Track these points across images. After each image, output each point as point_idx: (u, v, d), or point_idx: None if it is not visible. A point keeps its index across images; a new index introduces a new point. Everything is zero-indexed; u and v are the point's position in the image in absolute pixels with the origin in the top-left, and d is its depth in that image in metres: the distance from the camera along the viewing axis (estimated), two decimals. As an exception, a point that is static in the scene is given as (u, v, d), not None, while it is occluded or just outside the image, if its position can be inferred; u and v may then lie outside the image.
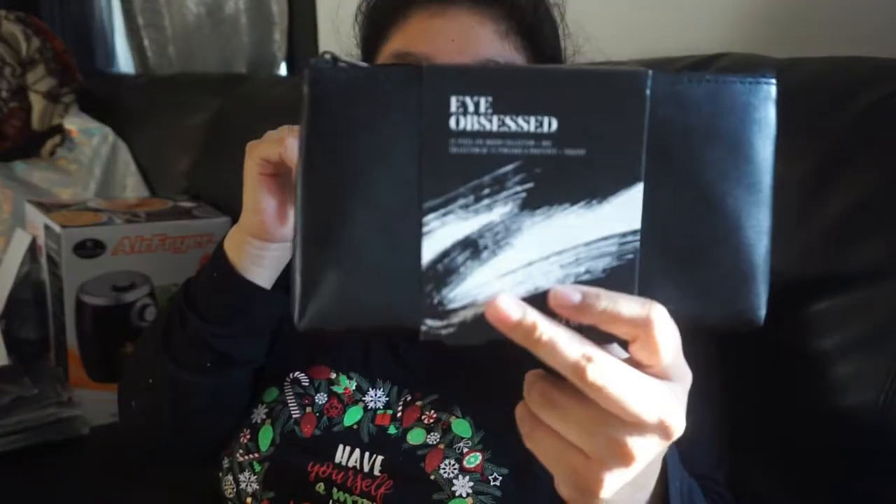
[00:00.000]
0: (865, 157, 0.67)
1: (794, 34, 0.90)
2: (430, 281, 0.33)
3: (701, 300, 0.34)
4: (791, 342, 0.69)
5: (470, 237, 0.33)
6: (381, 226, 0.33)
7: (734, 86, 0.35)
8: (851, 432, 0.64)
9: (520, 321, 0.32)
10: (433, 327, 0.33)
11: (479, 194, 0.32)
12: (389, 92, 0.32)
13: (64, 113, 1.80)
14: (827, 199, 0.67)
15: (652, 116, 0.33)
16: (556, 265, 0.33)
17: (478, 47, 0.65)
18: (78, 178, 1.72)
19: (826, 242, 0.67)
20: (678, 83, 0.33)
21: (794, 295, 0.68)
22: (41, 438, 1.05)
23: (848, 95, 0.69)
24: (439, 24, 0.66)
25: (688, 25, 0.97)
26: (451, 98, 0.32)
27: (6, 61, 1.73)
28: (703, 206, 0.34)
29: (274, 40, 1.79)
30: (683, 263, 0.34)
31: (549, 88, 0.32)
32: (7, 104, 1.74)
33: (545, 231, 0.33)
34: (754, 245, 0.34)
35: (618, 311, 0.32)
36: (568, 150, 0.32)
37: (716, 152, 0.34)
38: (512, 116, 0.32)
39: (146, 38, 2.10)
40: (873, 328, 0.64)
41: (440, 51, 0.65)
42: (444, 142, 0.32)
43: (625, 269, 0.33)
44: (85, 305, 1.17)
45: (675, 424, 0.34)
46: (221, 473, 0.70)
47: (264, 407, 0.69)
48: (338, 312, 0.33)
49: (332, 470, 0.65)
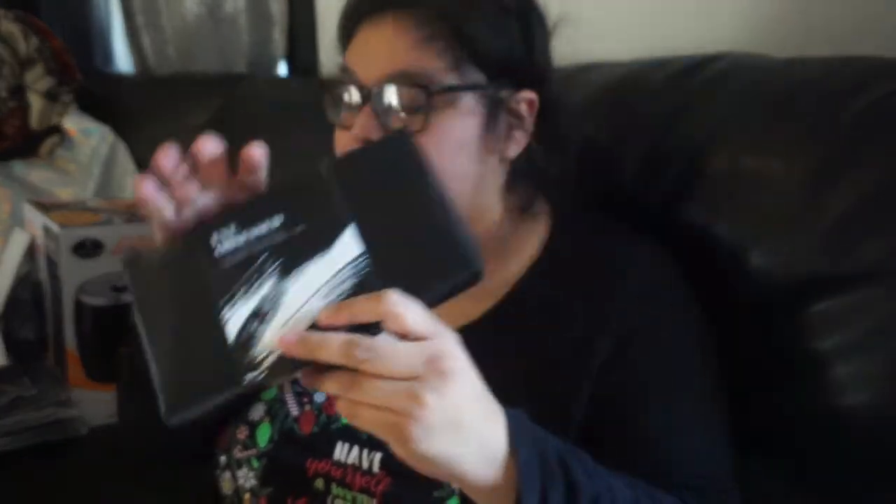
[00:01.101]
0: (865, 156, 0.67)
1: (794, 34, 0.90)
2: (239, 350, 0.47)
3: (429, 274, 0.47)
4: (791, 342, 0.69)
5: (254, 310, 0.47)
6: (200, 335, 0.48)
7: (382, 144, 0.55)
8: (851, 432, 0.64)
9: (300, 341, 0.44)
10: (252, 378, 0.46)
11: (251, 281, 0.48)
12: (179, 256, 0.51)
13: (63, 112, 1.79)
14: (827, 199, 0.67)
15: (340, 183, 0.50)
16: (319, 300, 0.47)
17: (394, 59, 0.64)
18: (77, 178, 1.72)
19: (826, 242, 0.67)
20: (350, 157, 0.56)
21: (794, 295, 0.68)
22: (40, 438, 1.04)
23: (848, 95, 0.69)
24: (368, 38, 0.67)
25: (688, 25, 0.97)
26: (211, 236, 0.50)
27: (5, 60, 1.73)
28: (395, 217, 0.49)
29: (274, 40, 1.79)
30: (403, 256, 0.48)
31: (268, 200, 0.51)
32: (5, 103, 1.73)
33: (302, 283, 0.47)
34: (441, 223, 0.48)
35: (356, 309, 0.45)
36: (295, 230, 0.49)
37: (389, 185, 0.50)
38: (251, 228, 0.49)
39: (145, 37, 2.09)
40: (873, 328, 0.64)
41: (366, 65, 0.66)
42: (219, 264, 0.49)
43: (367, 279, 0.47)
44: (84, 305, 1.17)
45: (447, 366, 0.44)
46: (219, 470, 0.70)
47: (263, 404, 0.70)
48: (190, 404, 0.47)
49: (330, 466, 0.65)
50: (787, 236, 0.69)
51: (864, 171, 0.66)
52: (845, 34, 0.85)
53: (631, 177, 0.81)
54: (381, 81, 0.64)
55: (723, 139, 0.76)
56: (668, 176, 0.79)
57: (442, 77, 0.64)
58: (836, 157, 0.68)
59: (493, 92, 0.66)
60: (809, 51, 0.79)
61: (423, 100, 0.63)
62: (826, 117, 0.70)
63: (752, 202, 0.72)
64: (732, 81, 0.80)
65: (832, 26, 0.86)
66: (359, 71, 0.66)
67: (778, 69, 0.78)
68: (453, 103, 0.64)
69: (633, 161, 0.81)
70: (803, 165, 0.69)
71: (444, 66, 0.64)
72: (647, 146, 0.81)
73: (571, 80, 0.93)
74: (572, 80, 0.94)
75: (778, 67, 0.78)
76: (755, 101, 0.76)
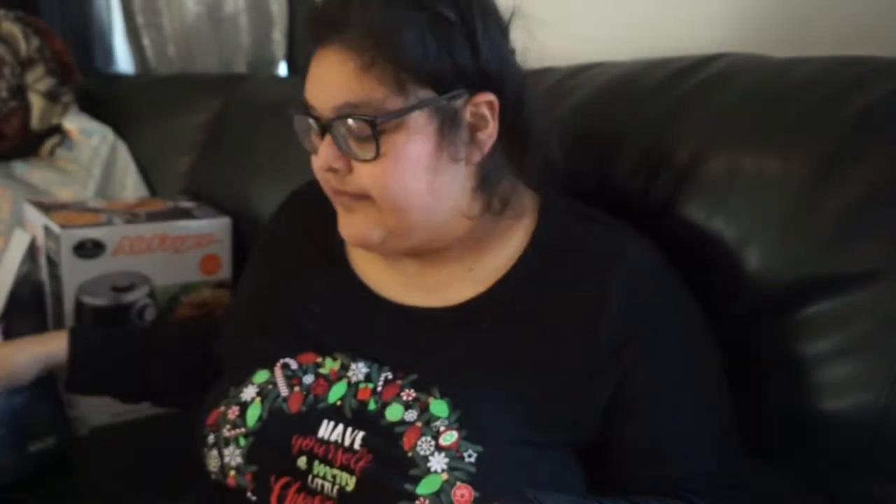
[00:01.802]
0: (864, 157, 0.67)
1: (794, 34, 0.90)
2: None
3: None
4: (791, 342, 0.69)
5: None
6: None
7: None
8: (851, 432, 0.64)
9: None
10: None
11: None
12: None
13: (63, 113, 1.79)
14: (826, 199, 0.67)
15: None
16: None
17: (338, 92, 0.65)
18: (77, 178, 1.72)
19: (825, 242, 0.67)
20: None
21: (793, 295, 0.68)
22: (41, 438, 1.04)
23: (848, 95, 0.69)
24: (315, 70, 0.68)
25: (688, 25, 0.97)
26: None
27: (5, 61, 1.73)
28: None
29: (274, 40, 1.79)
30: None
31: None
32: (6, 104, 1.74)
33: None
34: None
35: None
36: None
37: None
38: None
39: (146, 37, 2.10)
40: (873, 328, 0.64)
41: (318, 97, 0.67)
42: None
43: None
44: (84, 306, 1.17)
45: None
46: (206, 448, 0.72)
47: (254, 387, 0.72)
48: None
49: (314, 443, 0.67)
50: (785, 236, 0.69)
51: (863, 171, 0.66)
52: (845, 34, 0.85)
53: (630, 176, 0.81)
54: (332, 113, 0.66)
55: (722, 139, 0.76)
56: (666, 176, 0.79)
57: (386, 103, 0.65)
58: (836, 157, 0.68)
59: (444, 104, 0.66)
60: (809, 51, 0.79)
61: (369, 130, 0.64)
62: (825, 117, 0.70)
63: (750, 202, 0.72)
64: (732, 81, 0.80)
65: (832, 26, 0.86)
66: (314, 103, 0.68)
67: (777, 69, 0.78)
68: (403, 125, 0.65)
69: (631, 161, 0.81)
70: (802, 165, 0.69)
71: (387, 91, 0.65)
72: (646, 146, 0.81)
73: (571, 80, 0.94)
74: (572, 79, 0.94)
75: (777, 67, 0.78)
76: (754, 101, 0.76)
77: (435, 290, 0.73)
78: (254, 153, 1.46)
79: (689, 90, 0.82)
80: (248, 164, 1.46)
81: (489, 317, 0.70)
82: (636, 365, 0.65)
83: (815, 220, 0.68)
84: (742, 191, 0.72)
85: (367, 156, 0.65)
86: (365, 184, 0.67)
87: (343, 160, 0.67)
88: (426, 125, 0.66)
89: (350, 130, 0.65)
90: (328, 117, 0.67)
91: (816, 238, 0.67)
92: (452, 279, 0.73)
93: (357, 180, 0.67)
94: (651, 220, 0.78)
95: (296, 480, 0.67)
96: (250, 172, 1.44)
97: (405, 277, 0.75)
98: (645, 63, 0.90)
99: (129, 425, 1.16)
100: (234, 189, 1.47)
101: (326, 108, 0.67)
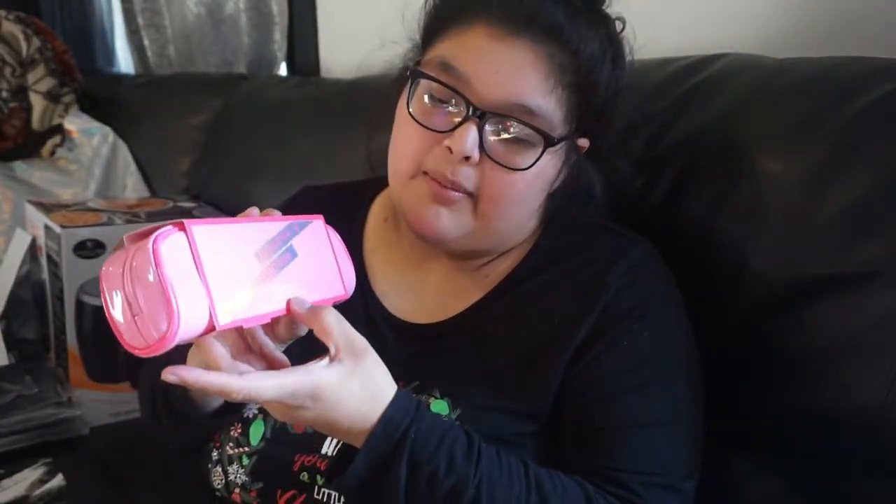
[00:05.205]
0: (865, 156, 0.67)
1: (794, 34, 0.90)
2: None
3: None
4: (791, 342, 0.69)
5: None
6: None
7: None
8: (851, 432, 0.64)
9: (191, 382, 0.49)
10: None
11: None
12: None
13: (64, 113, 1.80)
14: (826, 199, 0.67)
15: None
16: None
17: (520, 92, 0.62)
18: (78, 178, 1.72)
19: (825, 242, 0.67)
20: None
21: (794, 295, 0.68)
22: (41, 438, 1.05)
23: (848, 95, 0.69)
24: (493, 50, 0.63)
25: (688, 25, 0.97)
26: None
27: (6, 61, 1.73)
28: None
29: (274, 40, 1.79)
30: None
31: None
32: (7, 104, 1.74)
33: None
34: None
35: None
36: None
37: None
38: None
39: (146, 38, 2.10)
40: (873, 328, 0.64)
41: (481, 76, 0.63)
42: None
43: None
44: (85, 305, 1.17)
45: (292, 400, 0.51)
46: (210, 465, 0.71)
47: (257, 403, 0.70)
48: None
49: (317, 459, 0.67)
50: (786, 236, 0.69)
51: (863, 171, 0.66)
52: (845, 34, 0.85)
53: (630, 176, 0.81)
54: (504, 108, 0.63)
55: (722, 139, 0.76)
56: (667, 175, 0.79)
57: (559, 126, 0.65)
58: (836, 157, 0.68)
59: (574, 140, 0.68)
60: (809, 51, 0.79)
61: (539, 143, 0.63)
62: (825, 117, 0.70)
63: (751, 202, 0.72)
64: (732, 81, 0.80)
65: (832, 26, 0.86)
66: (475, 83, 0.63)
67: (778, 69, 0.78)
68: (556, 150, 0.66)
69: (631, 160, 0.81)
70: (802, 165, 0.69)
71: (562, 116, 0.65)
72: (647, 145, 0.81)
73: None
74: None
75: (778, 67, 0.78)
76: (755, 101, 0.76)
77: (450, 297, 0.73)
78: (254, 153, 1.46)
79: (689, 90, 0.82)
80: (248, 164, 1.46)
81: (490, 318, 0.71)
82: (601, 354, 0.65)
83: (815, 220, 0.68)
84: (742, 190, 0.72)
85: (515, 164, 0.63)
86: (487, 185, 0.64)
87: (477, 154, 0.63)
88: (561, 153, 0.67)
89: (518, 133, 0.63)
90: (494, 108, 0.63)
91: (816, 238, 0.67)
92: (470, 284, 0.73)
93: (476, 178, 0.64)
94: (651, 219, 0.78)
95: (301, 493, 0.66)
96: (250, 172, 1.45)
97: (422, 284, 0.75)
98: (646, 63, 0.90)
99: (129, 425, 1.16)
100: (234, 189, 1.47)
101: (494, 98, 0.62)
